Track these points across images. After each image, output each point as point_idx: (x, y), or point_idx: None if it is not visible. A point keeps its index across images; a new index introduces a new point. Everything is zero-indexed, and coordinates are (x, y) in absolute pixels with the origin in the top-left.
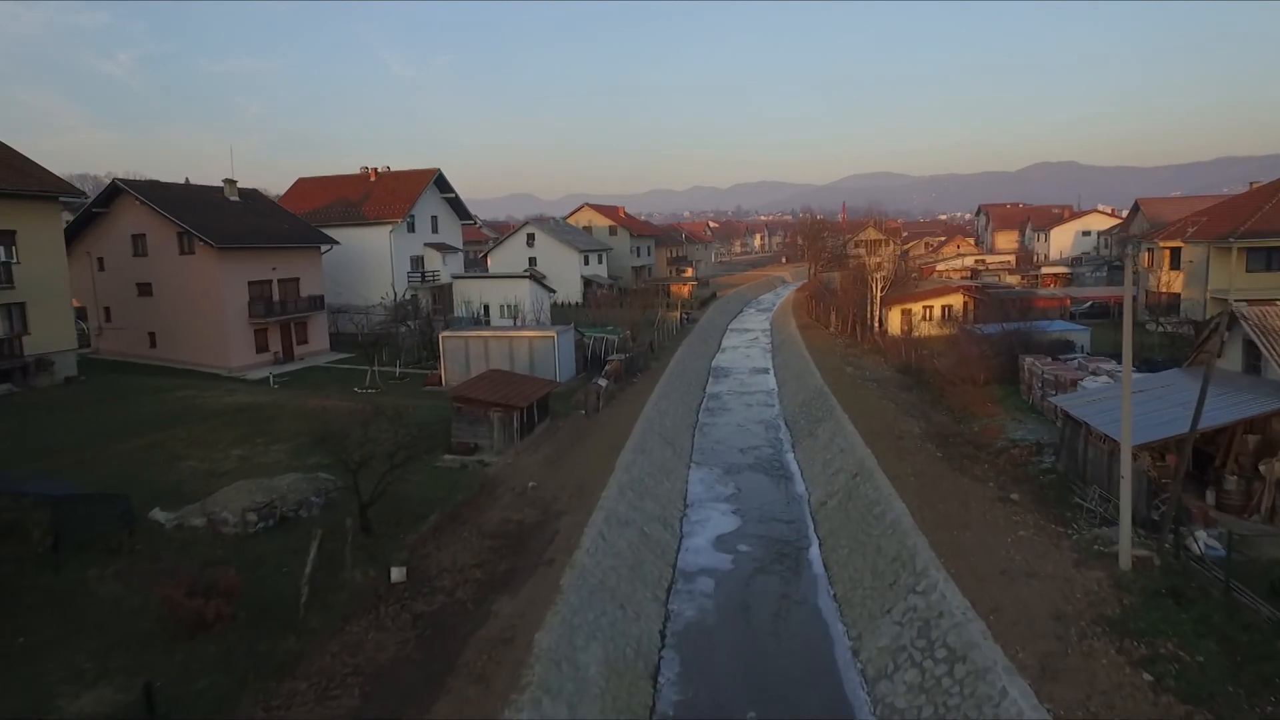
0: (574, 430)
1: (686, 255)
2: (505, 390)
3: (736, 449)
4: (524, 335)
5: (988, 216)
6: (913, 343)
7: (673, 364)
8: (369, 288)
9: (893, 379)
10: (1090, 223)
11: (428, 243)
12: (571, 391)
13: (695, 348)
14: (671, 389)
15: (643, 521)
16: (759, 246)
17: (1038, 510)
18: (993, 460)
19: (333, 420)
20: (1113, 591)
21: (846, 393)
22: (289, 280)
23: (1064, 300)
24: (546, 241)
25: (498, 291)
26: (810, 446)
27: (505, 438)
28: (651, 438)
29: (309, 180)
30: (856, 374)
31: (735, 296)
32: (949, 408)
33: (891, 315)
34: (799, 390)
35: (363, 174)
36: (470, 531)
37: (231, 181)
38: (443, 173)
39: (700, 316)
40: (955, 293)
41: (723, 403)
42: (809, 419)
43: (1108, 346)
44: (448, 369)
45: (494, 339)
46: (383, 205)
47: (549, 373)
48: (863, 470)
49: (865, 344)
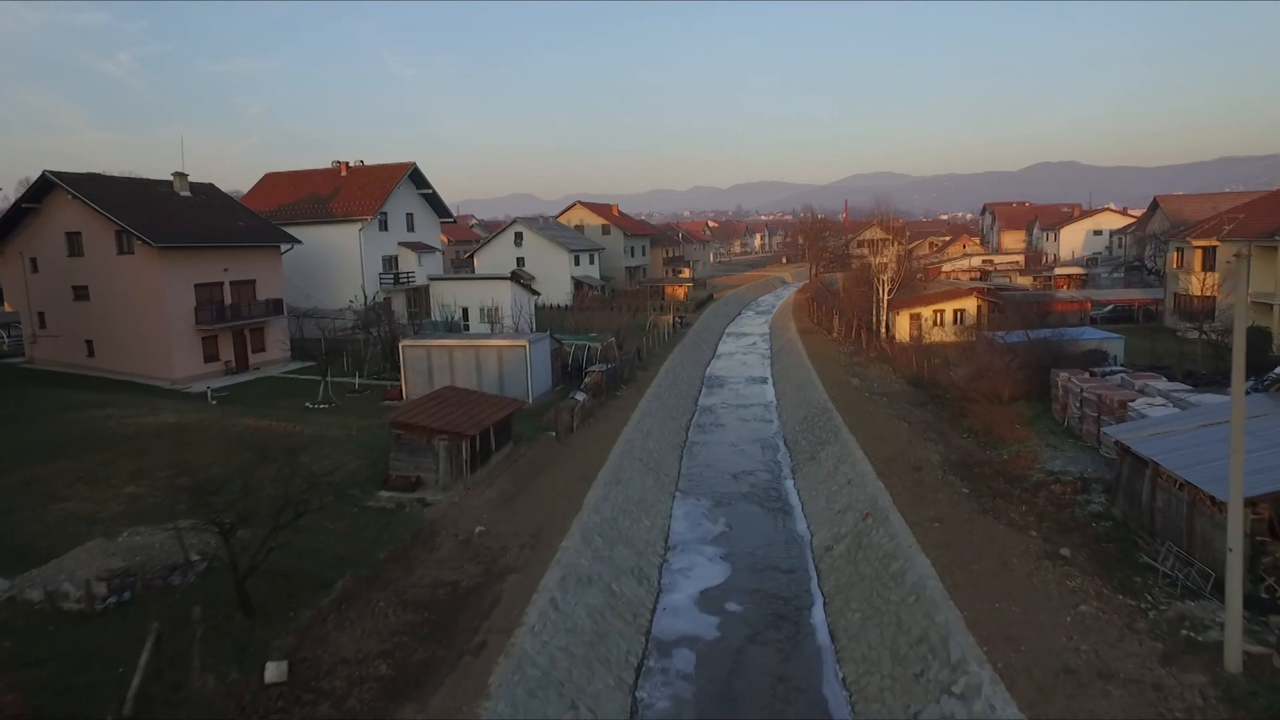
0: (541, 457)
1: (684, 255)
2: (456, 413)
3: (729, 474)
4: (492, 345)
5: (994, 216)
6: (923, 350)
7: (662, 373)
8: (338, 290)
9: (903, 392)
10: (1102, 221)
11: (402, 242)
12: (546, 408)
13: (688, 355)
14: (659, 403)
15: (611, 576)
16: (759, 246)
17: (1097, 573)
18: (1030, 499)
19: (268, 443)
20: (1223, 707)
21: (852, 409)
22: (243, 283)
23: (1084, 304)
24: (535, 241)
25: (476, 294)
26: (812, 473)
27: (452, 470)
28: (631, 464)
29: (278, 175)
30: (862, 386)
31: (733, 298)
32: (971, 429)
33: (899, 320)
34: (800, 404)
35: (334, 168)
36: (389, 600)
37: (182, 175)
38: (418, 167)
39: (696, 320)
40: (968, 296)
41: (716, 417)
42: (811, 439)
43: (1144, 357)
44: (409, 382)
45: (459, 349)
46: (352, 201)
47: (520, 387)
48: (875, 510)
49: (871, 351)
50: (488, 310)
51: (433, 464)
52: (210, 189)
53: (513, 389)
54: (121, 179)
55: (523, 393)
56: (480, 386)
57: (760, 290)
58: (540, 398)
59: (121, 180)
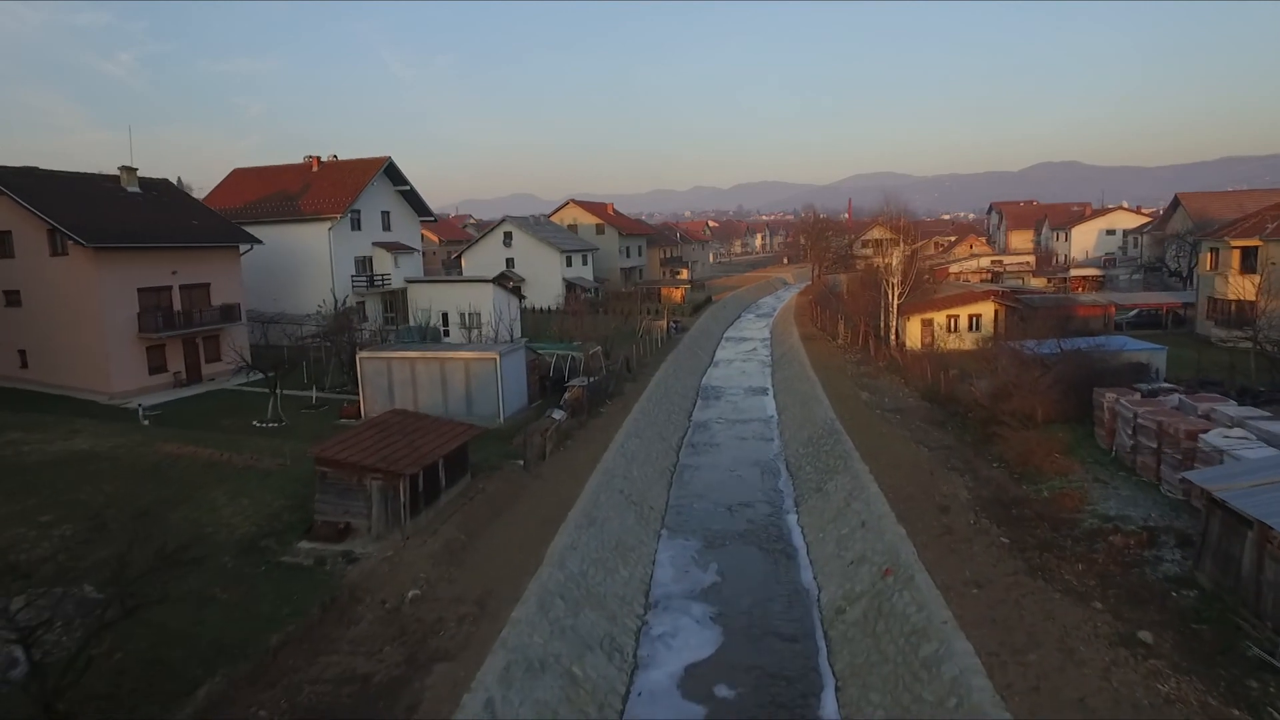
0: (503, 492)
1: (682, 256)
2: (397, 445)
3: (723, 507)
4: (459, 357)
5: (1000, 215)
6: (937, 359)
7: (653, 385)
8: (306, 294)
9: (918, 409)
10: (1115, 221)
11: (377, 242)
12: (520, 428)
13: (683, 362)
14: (647, 420)
15: (573, 656)
16: (759, 247)
17: (1195, 670)
18: (1086, 554)
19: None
20: None
21: (863, 429)
22: (195, 286)
23: (1108, 308)
24: (525, 241)
25: (456, 298)
26: (819, 508)
27: (387, 516)
28: (610, 498)
29: (246, 171)
30: (872, 401)
31: (733, 300)
32: (1000, 457)
33: (910, 326)
34: (804, 421)
35: (304, 164)
36: (272, 710)
37: (130, 169)
38: (394, 162)
39: (692, 324)
40: (984, 300)
41: (711, 435)
42: (817, 465)
43: (1187, 370)
44: (368, 398)
45: (422, 361)
46: (322, 198)
47: (489, 405)
48: (897, 565)
49: (880, 360)
50: (468, 315)
51: (365, 508)
52: (164, 185)
53: (482, 407)
54: (63, 174)
55: (493, 411)
56: (446, 404)
57: (761, 292)
58: (514, 416)
59: (62, 175)
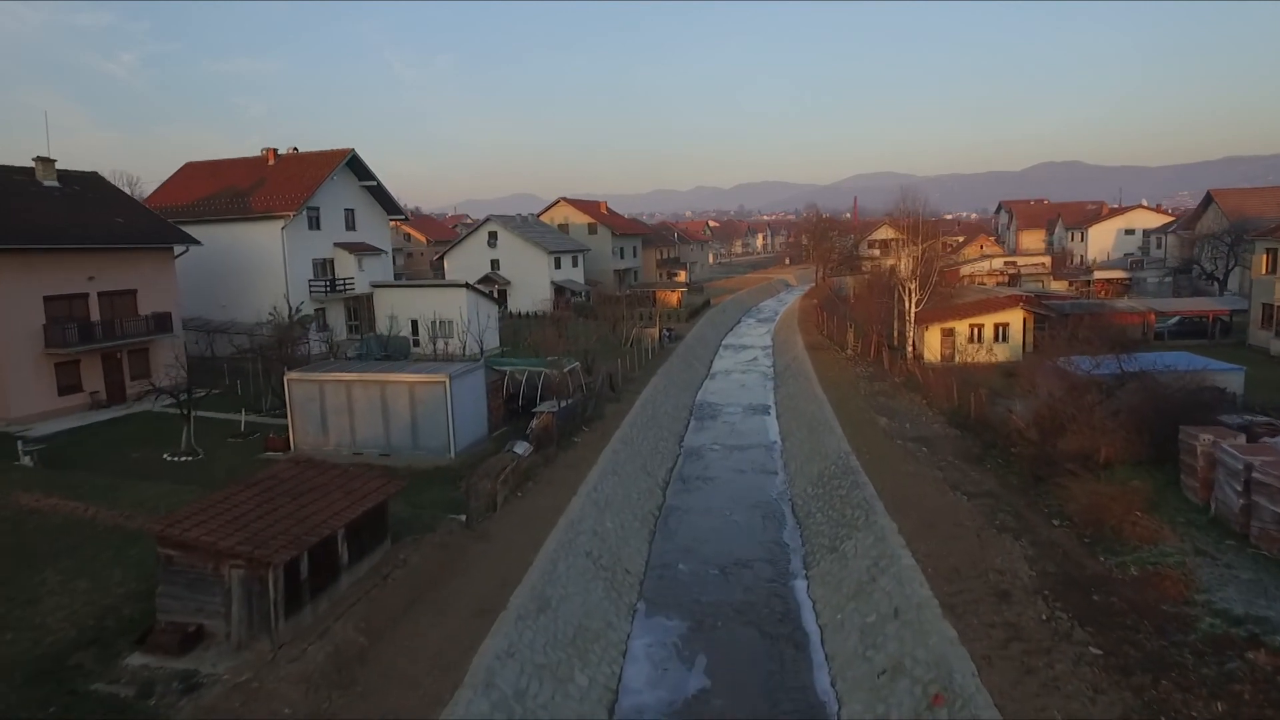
0: (431, 564)
1: (679, 257)
2: (279, 514)
3: (716, 568)
4: (402, 380)
5: (1010, 214)
6: (961, 375)
7: (640, 405)
8: (258, 300)
9: (946, 438)
10: (1134, 220)
11: (340, 242)
12: (473, 464)
13: (676, 376)
14: (630, 451)
15: None
16: (760, 247)
17: None
18: (1218, 682)
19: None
20: None
21: (883, 466)
22: (118, 294)
23: (1148, 315)
24: (511, 241)
25: (427, 304)
26: (835, 577)
27: (252, 616)
28: (571, 566)
29: (197, 165)
30: (892, 429)
31: (732, 303)
32: (1062, 510)
33: (929, 337)
34: (813, 452)
35: (260, 157)
36: None
37: (47, 160)
38: (358, 154)
39: (689, 330)
40: (1011, 307)
41: (705, 466)
42: (831, 514)
43: (1266, 392)
44: (298, 427)
45: (359, 384)
46: (275, 195)
47: (438, 437)
48: (950, 690)
49: (895, 375)
50: (440, 323)
51: (222, 605)
52: (91, 179)
53: (429, 439)
54: None
55: (442, 445)
56: (388, 435)
57: (762, 295)
58: (469, 450)
59: None
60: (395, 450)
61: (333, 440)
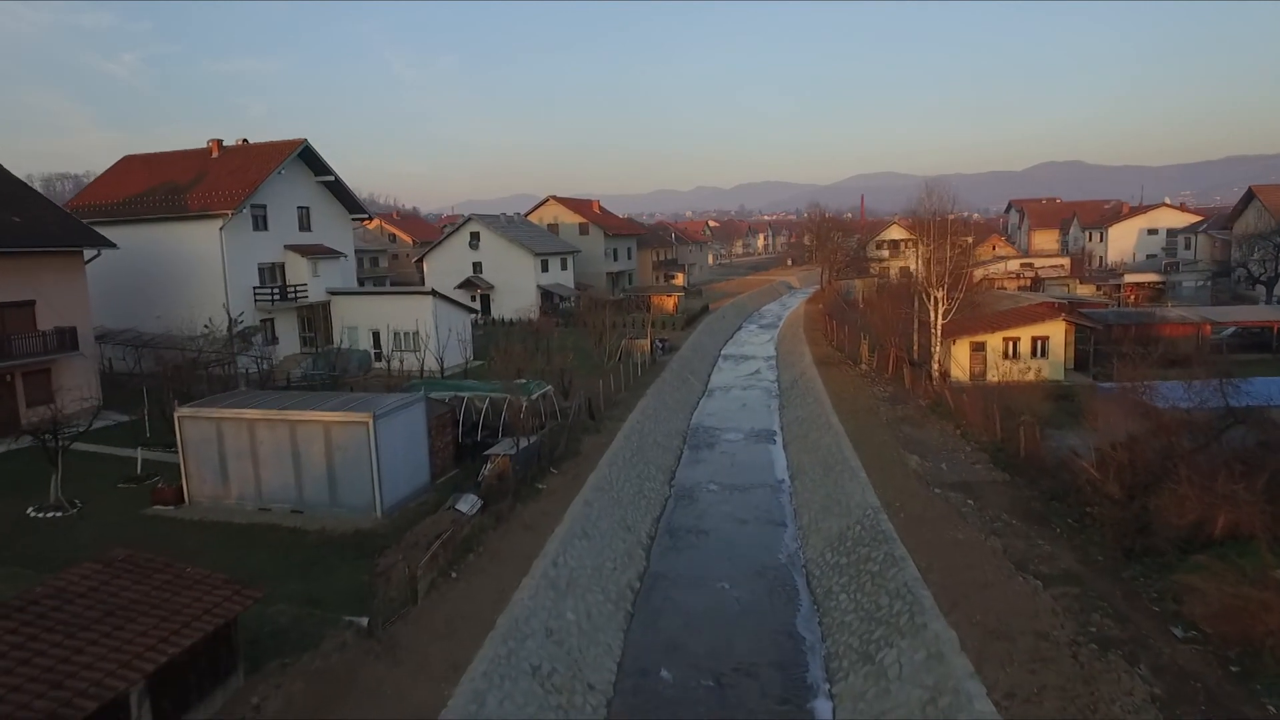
0: (302, 708)
1: (677, 258)
2: (30, 672)
3: (709, 677)
4: (315, 420)
5: (1021, 213)
6: (996, 397)
7: (625, 434)
8: (195, 309)
9: (994, 485)
10: (1158, 219)
11: (291, 244)
12: (399, 530)
13: (669, 395)
14: (608, 500)
15: None
16: (761, 247)
17: None
18: None
19: None
20: None
21: (924, 530)
22: (12, 305)
23: (1202, 326)
24: (494, 243)
25: (389, 313)
26: (874, 708)
27: None
28: (510, 695)
29: (136, 158)
30: (927, 471)
31: (732, 308)
32: (1177, 608)
33: (956, 351)
34: (831, 501)
35: (203, 150)
36: None
37: None
38: (312, 145)
39: (685, 340)
40: (1051, 318)
41: (698, 515)
42: (860, 602)
43: None
44: (192, 474)
45: (264, 424)
46: (214, 191)
47: (360, 492)
48: None
49: (920, 395)
50: (404, 335)
51: None
52: None
53: (351, 494)
54: None
55: (365, 501)
56: (300, 487)
57: (764, 298)
58: (404, 505)
59: None
60: (309, 506)
61: (235, 491)
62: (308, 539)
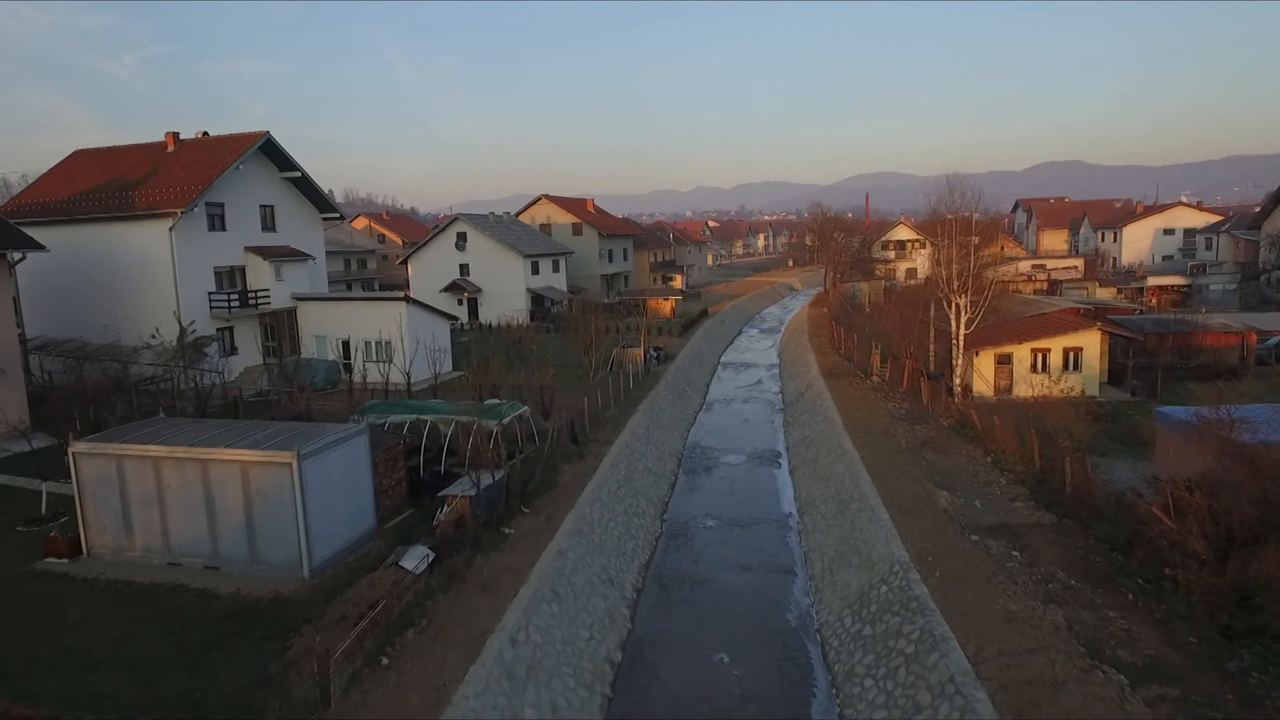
0: None
1: (675, 259)
2: None
3: None
4: (231, 459)
5: (1029, 213)
6: (1025, 414)
7: (611, 461)
8: (146, 317)
9: (1040, 529)
10: (1174, 218)
11: (252, 246)
12: (330, 594)
13: (663, 411)
14: (586, 547)
15: None
16: (762, 248)
17: None
18: None
19: None
20: None
21: (966, 593)
22: None
23: (1248, 335)
24: (482, 244)
25: (360, 321)
26: None
27: None
28: None
29: (86, 153)
30: (959, 510)
31: (733, 312)
32: None
33: (980, 364)
34: (848, 547)
35: (158, 144)
36: None
37: None
38: (275, 139)
39: (681, 348)
40: (1084, 328)
41: (693, 559)
42: (892, 696)
43: None
44: (90, 523)
45: (171, 463)
46: (165, 188)
47: (283, 546)
48: None
49: (941, 414)
50: (376, 345)
51: None
52: None
53: (271, 547)
54: None
55: (290, 558)
56: (214, 538)
57: (765, 300)
58: (338, 559)
59: None
60: (226, 562)
61: (140, 542)
62: (217, 606)
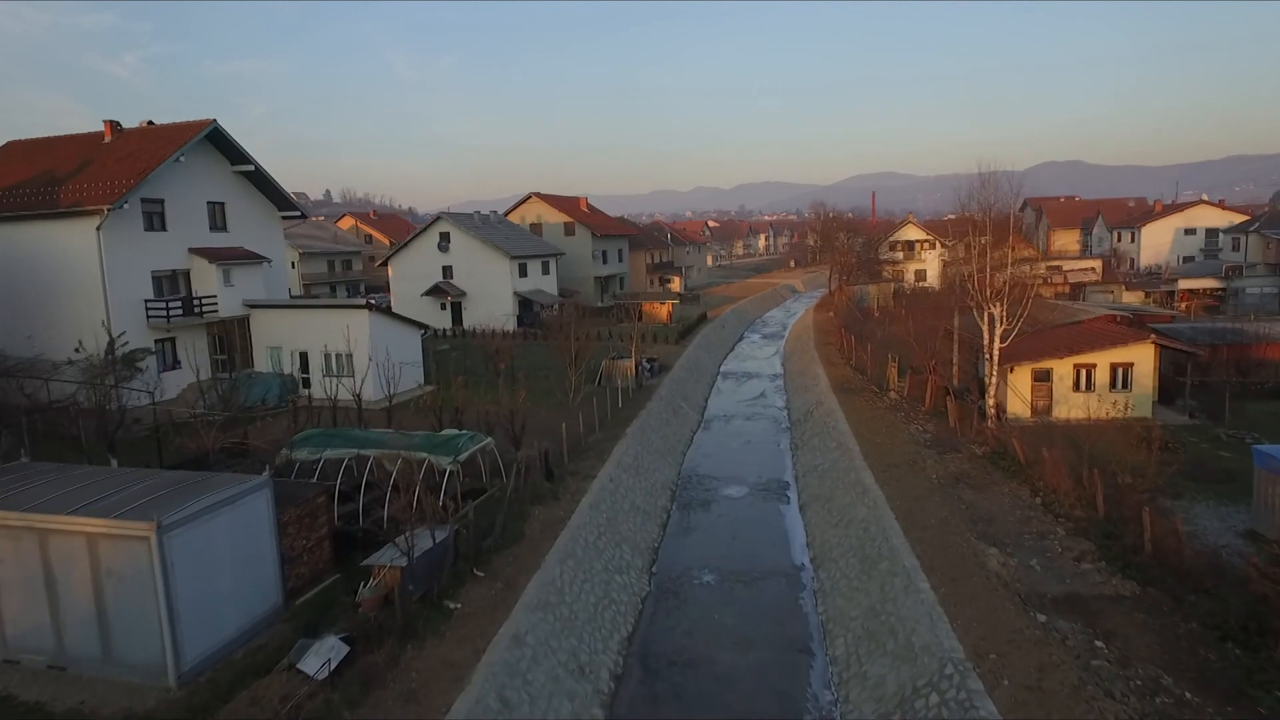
0: None
1: (673, 261)
2: None
3: None
4: (74, 529)
5: (1038, 212)
6: (1071, 439)
7: (590, 501)
8: (74, 328)
9: (1122, 603)
10: (1195, 217)
11: (197, 248)
12: (201, 710)
13: (654, 435)
14: (550, 626)
15: None
16: (762, 248)
17: None
18: None
19: None
20: None
21: (1047, 709)
22: None
23: None
24: (466, 244)
25: (318, 331)
26: None
27: None
28: None
29: (19, 144)
30: (1015, 575)
31: (733, 316)
32: None
33: (1016, 381)
34: (878, 627)
35: (94, 134)
36: None
37: None
38: (223, 127)
39: (678, 357)
40: (1135, 340)
41: (685, 630)
42: None
43: None
44: None
45: (3, 530)
46: (94, 183)
47: (142, 643)
48: None
49: (972, 440)
50: (337, 357)
51: None
52: None
53: (129, 643)
54: None
55: (153, 656)
56: (58, 630)
57: (767, 303)
58: (222, 655)
59: None
60: (74, 660)
61: None
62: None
